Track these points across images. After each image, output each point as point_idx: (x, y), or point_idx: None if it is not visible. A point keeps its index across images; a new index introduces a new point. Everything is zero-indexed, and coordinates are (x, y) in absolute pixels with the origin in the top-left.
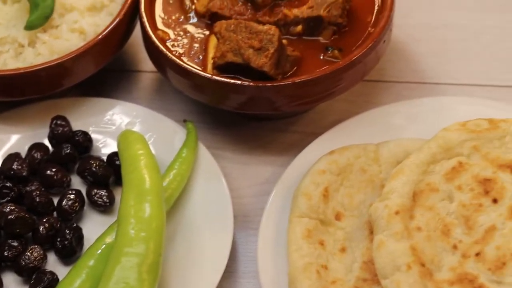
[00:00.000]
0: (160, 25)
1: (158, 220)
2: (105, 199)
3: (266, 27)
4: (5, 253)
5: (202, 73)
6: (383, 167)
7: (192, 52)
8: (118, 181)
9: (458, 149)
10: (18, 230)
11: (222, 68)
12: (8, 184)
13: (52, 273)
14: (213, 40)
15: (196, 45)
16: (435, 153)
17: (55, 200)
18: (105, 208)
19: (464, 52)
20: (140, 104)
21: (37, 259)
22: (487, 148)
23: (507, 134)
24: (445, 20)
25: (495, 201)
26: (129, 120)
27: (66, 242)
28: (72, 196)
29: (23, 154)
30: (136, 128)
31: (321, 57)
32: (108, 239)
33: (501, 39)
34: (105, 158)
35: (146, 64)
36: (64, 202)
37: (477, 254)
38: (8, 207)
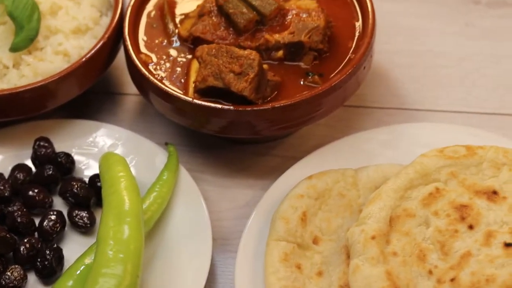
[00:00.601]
0: (143, 48)
1: (137, 241)
2: (86, 220)
3: (246, 52)
4: None
5: (183, 96)
6: (362, 192)
7: (174, 76)
8: (100, 203)
9: (435, 175)
10: None
11: (203, 92)
12: None
13: None
14: (195, 64)
15: (178, 68)
16: (413, 179)
17: (37, 221)
18: (86, 229)
19: (444, 79)
20: (123, 126)
21: (17, 279)
22: (464, 174)
23: (484, 161)
24: (427, 47)
25: (471, 227)
26: (112, 142)
27: (46, 263)
28: (53, 217)
29: (6, 175)
30: (118, 150)
31: (302, 82)
32: (88, 260)
33: (482, 66)
34: (87, 179)
35: (131, 86)
36: (45, 222)
37: (452, 280)
38: None
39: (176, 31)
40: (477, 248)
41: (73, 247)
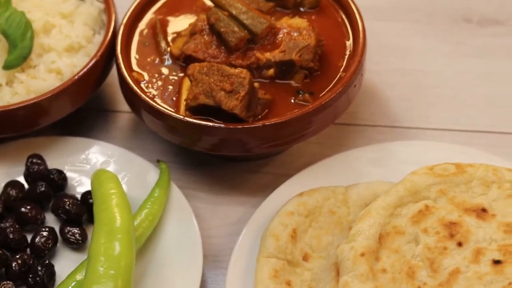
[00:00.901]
0: (135, 66)
1: (127, 258)
2: (78, 237)
3: (237, 70)
4: None
5: (174, 114)
6: (352, 209)
7: (166, 94)
8: (91, 219)
9: (425, 192)
10: None
11: (195, 110)
12: None
13: None
14: (186, 82)
15: (170, 87)
16: (402, 196)
17: (29, 237)
18: (78, 245)
19: (435, 97)
20: (116, 143)
21: None
22: (453, 192)
23: (474, 178)
24: (418, 66)
25: (460, 244)
26: (104, 159)
27: (38, 279)
28: (45, 233)
29: None
30: (110, 167)
31: (292, 101)
32: (79, 276)
33: (472, 85)
34: (79, 196)
35: (123, 104)
36: (37, 239)
37: None
38: None
39: (168, 49)
40: (466, 265)
41: (64, 263)
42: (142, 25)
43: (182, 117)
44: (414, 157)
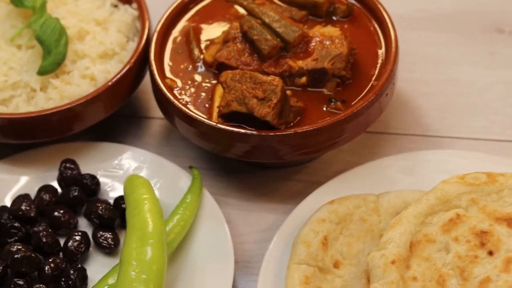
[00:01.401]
0: (168, 73)
1: (159, 263)
2: (110, 241)
3: (270, 78)
4: None
5: (207, 121)
6: (383, 217)
7: (199, 101)
8: (124, 224)
9: (456, 201)
10: (24, 269)
11: (227, 116)
12: (16, 224)
13: None
14: (219, 89)
15: (203, 93)
16: (433, 205)
17: (62, 241)
18: (110, 250)
19: (467, 107)
20: (148, 149)
21: None
22: (484, 201)
23: (505, 188)
24: (450, 75)
25: (490, 253)
26: (137, 165)
27: (70, 282)
28: (78, 238)
29: (33, 195)
30: (143, 173)
31: (324, 109)
32: (111, 280)
33: (505, 95)
34: (112, 201)
35: (156, 110)
36: (70, 243)
37: None
38: (15, 247)
39: (201, 56)
40: (497, 274)
41: (97, 267)
42: (176, 32)
43: (214, 123)
44: (445, 166)
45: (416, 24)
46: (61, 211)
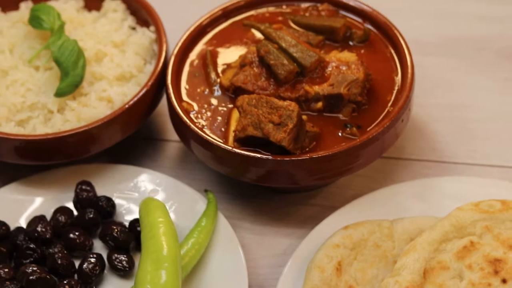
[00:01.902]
0: (185, 96)
1: (174, 286)
2: (125, 264)
3: (286, 103)
4: None
5: (223, 145)
6: (397, 243)
7: (215, 125)
8: (139, 247)
9: (470, 228)
10: None
11: (243, 141)
12: (31, 246)
13: None
14: (235, 114)
15: (219, 117)
16: (448, 232)
17: (77, 263)
18: (125, 272)
19: (483, 133)
20: (164, 172)
21: None
22: (499, 229)
23: None
24: (465, 100)
25: (504, 281)
26: (152, 187)
27: None
28: (93, 260)
29: (48, 217)
30: (158, 196)
31: (340, 134)
32: None
33: None
34: (127, 224)
35: (172, 133)
36: (85, 265)
37: None
38: (31, 268)
39: (218, 80)
40: None
41: None
42: (193, 55)
43: (230, 148)
44: (460, 193)
45: (431, 49)
46: (77, 233)
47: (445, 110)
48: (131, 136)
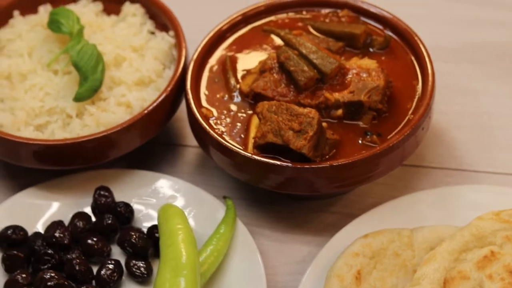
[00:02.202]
0: (204, 102)
1: None
2: (143, 271)
3: (306, 110)
4: None
5: (242, 152)
6: (417, 253)
7: (234, 131)
8: (157, 254)
9: (491, 238)
10: None
11: (262, 148)
12: (49, 251)
13: None
14: (255, 120)
15: (239, 124)
16: (468, 241)
17: (95, 269)
18: (143, 279)
19: (503, 141)
20: (183, 178)
21: None
22: None
23: None
24: (486, 108)
25: None
26: (171, 193)
27: None
28: (111, 266)
29: (66, 222)
30: (177, 202)
31: (360, 141)
32: None
33: None
34: (145, 230)
35: (191, 138)
36: (103, 271)
37: None
38: (48, 274)
39: (238, 86)
40: None
41: None
42: (212, 61)
43: (250, 155)
44: (480, 202)
45: (451, 55)
46: (95, 239)
47: (465, 118)
48: (150, 141)
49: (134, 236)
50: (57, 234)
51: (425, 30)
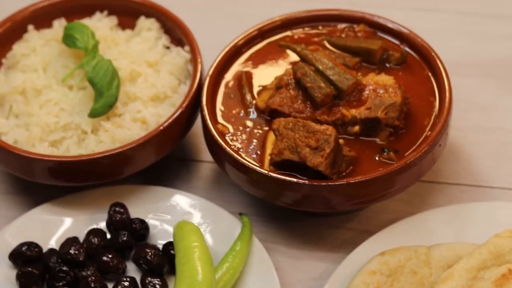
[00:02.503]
0: (220, 118)
1: None
2: None
3: (323, 127)
4: None
5: (258, 169)
6: (434, 270)
7: (250, 148)
8: (173, 271)
9: (508, 256)
10: None
11: (279, 165)
12: (64, 268)
13: None
14: (271, 137)
15: (255, 140)
16: (486, 259)
17: (110, 286)
18: None
19: None
20: (198, 194)
21: None
22: None
23: None
24: (500, 123)
25: None
26: (186, 210)
27: None
28: (126, 283)
29: (81, 238)
30: (192, 218)
31: (377, 158)
32: None
33: None
34: (161, 246)
35: (206, 154)
36: None
37: None
38: None
39: (254, 102)
40: None
41: None
42: (228, 76)
43: (266, 172)
44: (497, 219)
45: (467, 70)
46: (110, 256)
47: (481, 133)
48: (165, 156)
49: (150, 253)
50: (72, 251)
51: (440, 44)
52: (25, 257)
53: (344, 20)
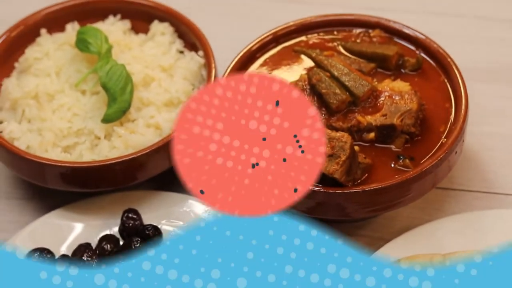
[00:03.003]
0: None
1: None
2: None
3: (339, 134)
4: None
5: None
6: None
7: None
8: None
9: None
10: None
11: None
12: None
13: None
14: None
15: None
16: None
17: None
18: None
19: None
20: None
21: None
22: None
23: None
24: None
25: None
26: (200, 216)
27: None
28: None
29: (93, 244)
30: None
31: (392, 165)
32: None
33: None
34: None
35: None
36: None
37: None
38: None
39: None
40: None
41: None
42: None
43: None
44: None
45: (482, 75)
46: None
47: (497, 139)
48: None
49: None
50: (84, 258)
51: (455, 49)
52: None
53: (360, 25)
